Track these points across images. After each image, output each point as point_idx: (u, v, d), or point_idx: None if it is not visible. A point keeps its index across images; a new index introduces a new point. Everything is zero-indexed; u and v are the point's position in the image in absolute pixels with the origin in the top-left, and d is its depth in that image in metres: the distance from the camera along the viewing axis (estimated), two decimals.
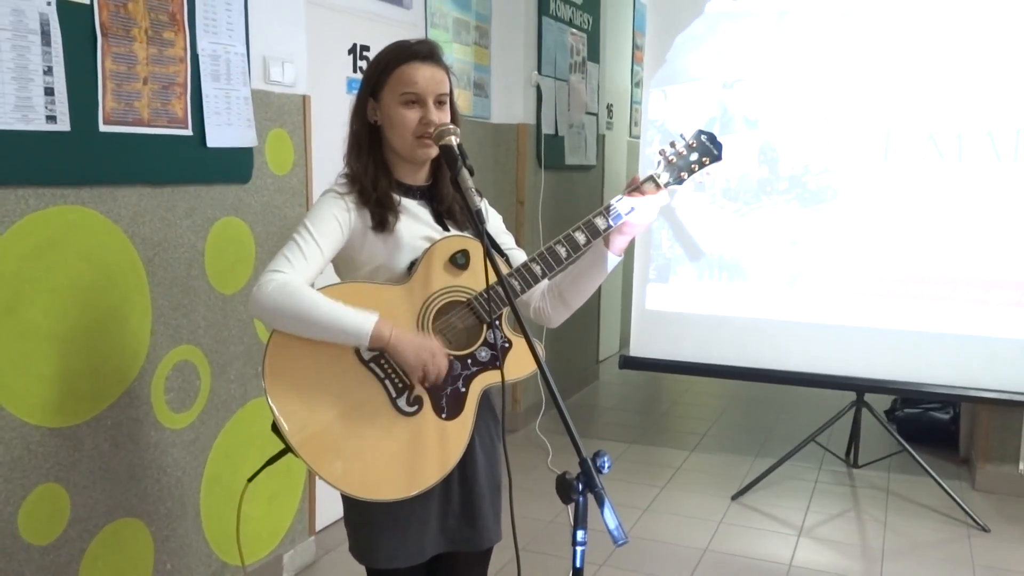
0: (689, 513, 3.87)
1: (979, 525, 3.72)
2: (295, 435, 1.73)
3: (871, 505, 3.99)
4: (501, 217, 2.05)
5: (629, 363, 4.40)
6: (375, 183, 1.84)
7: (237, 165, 2.82)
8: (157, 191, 2.55)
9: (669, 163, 1.92)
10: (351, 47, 3.56)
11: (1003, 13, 3.66)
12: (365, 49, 3.61)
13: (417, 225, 1.87)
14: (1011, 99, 3.68)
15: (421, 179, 1.92)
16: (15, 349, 2.18)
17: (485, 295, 1.79)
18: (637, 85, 6.88)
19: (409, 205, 1.88)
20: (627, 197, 1.86)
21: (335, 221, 1.81)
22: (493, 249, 1.80)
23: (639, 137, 4.85)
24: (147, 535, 2.62)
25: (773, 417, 5.36)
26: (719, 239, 4.15)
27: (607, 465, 1.45)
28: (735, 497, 4.03)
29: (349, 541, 1.94)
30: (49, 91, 2.17)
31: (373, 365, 1.78)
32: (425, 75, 1.82)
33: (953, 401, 4.62)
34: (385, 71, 1.84)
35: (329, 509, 3.43)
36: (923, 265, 3.84)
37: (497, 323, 1.83)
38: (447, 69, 1.87)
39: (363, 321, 1.71)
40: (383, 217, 1.82)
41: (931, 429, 4.75)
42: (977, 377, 3.80)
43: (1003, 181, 3.72)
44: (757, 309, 4.10)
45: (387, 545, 1.87)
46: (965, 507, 3.79)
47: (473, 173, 1.76)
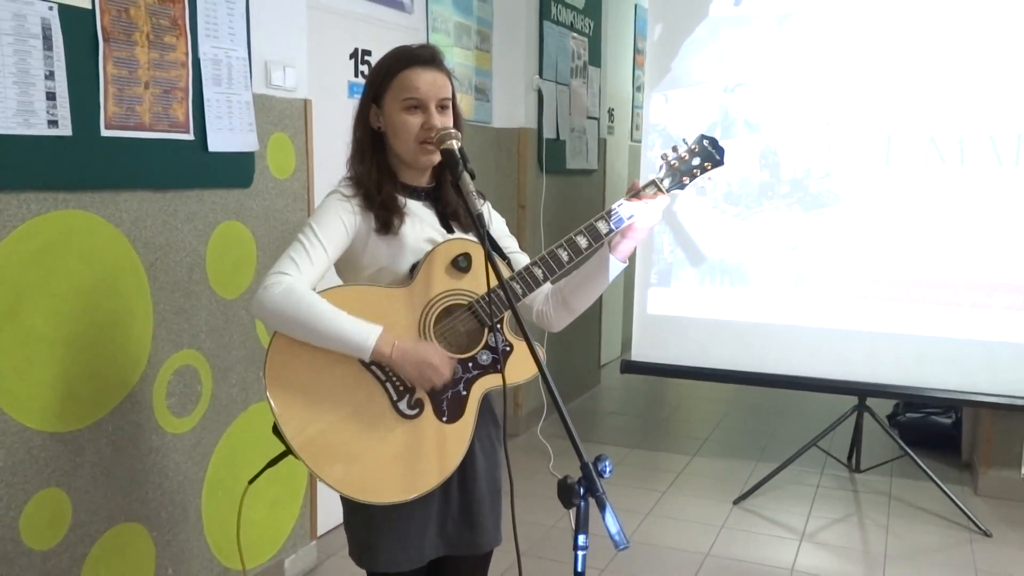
0: (691, 518, 3.86)
1: (981, 530, 3.71)
2: (296, 437, 1.73)
3: (873, 510, 3.98)
4: (504, 220, 2.06)
5: (631, 367, 4.40)
6: (379, 186, 1.84)
7: (238, 169, 2.82)
8: (159, 195, 2.56)
9: (671, 168, 1.91)
10: (352, 51, 3.56)
11: (1004, 17, 3.67)
12: (366, 53, 3.62)
13: (421, 227, 1.87)
14: (1012, 103, 3.68)
15: (424, 182, 1.92)
16: (17, 354, 2.18)
17: (487, 298, 1.79)
18: (638, 89, 6.89)
19: (414, 207, 1.88)
20: (627, 203, 1.86)
21: (340, 223, 1.81)
22: (495, 252, 1.80)
23: (640, 141, 4.86)
24: (148, 540, 2.62)
25: (775, 421, 5.35)
26: (721, 243, 4.15)
27: (608, 469, 1.45)
28: (737, 501, 4.02)
29: (349, 545, 1.94)
30: (51, 95, 2.18)
31: (374, 368, 1.78)
32: (427, 80, 1.82)
33: (955, 405, 4.61)
34: (387, 77, 1.84)
35: (330, 514, 3.43)
36: (925, 269, 3.84)
37: (498, 326, 1.83)
38: (449, 73, 1.87)
39: (366, 336, 1.71)
40: (388, 220, 1.82)
41: (933, 434, 4.74)
42: (979, 381, 3.79)
43: (1005, 185, 3.71)
44: (759, 313, 4.10)
45: (387, 549, 1.86)
46: (967, 512, 3.78)
47: (474, 177, 1.76)
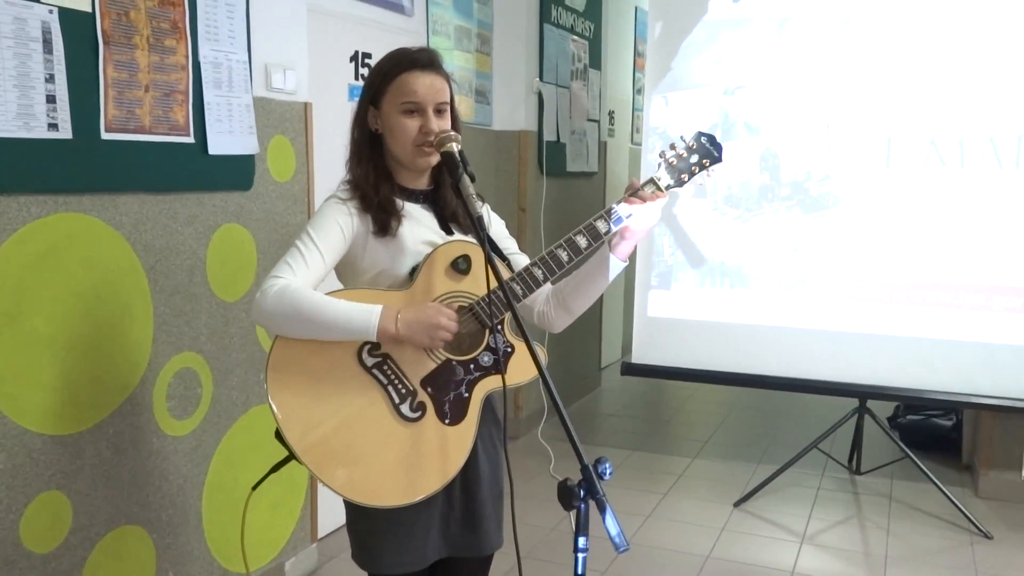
0: (691, 520, 3.86)
1: (982, 532, 3.71)
2: (298, 442, 1.73)
3: (874, 512, 3.97)
4: (504, 222, 2.06)
5: (631, 370, 4.40)
6: (377, 189, 1.84)
7: (239, 172, 2.82)
8: (159, 198, 2.56)
9: (670, 165, 1.92)
10: (353, 54, 3.57)
11: (1004, 19, 3.67)
12: (367, 56, 3.62)
13: (420, 229, 1.87)
14: (1013, 106, 3.68)
15: (423, 184, 1.92)
16: (17, 357, 2.18)
17: (487, 300, 1.79)
18: (639, 92, 6.89)
19: (412, 210, 1.88)
20: (626, 202, 1.86)
21: (337, 227, 1.81)
22: (495, 253, 1.80)
23: (641, 144, 4.86)
24: (149, 543, 2.61)
25: (775, 424, 5.35)
26: (721, 246, 4.15)
27: (609, 472, 1.45)
28: (737, 504, 4.02)
29: (352, 548, 1.94)
30: (51, 99, 2.18)
31: (376, 371, 1.78)
32: (425, 84, 1.82)
33: (955, 408, 4.61)
34: (385, 80, 1.84)
35: (331, 516, 3.43)
36: (925, 271, 3.84)
37: (499, 328, 1.83)
38: (447, 77, 1.87)
39: (368, 316, 1.71)
40: (385, 222, 1.82)
41: (934, 436, 4.74)
42: (980, 384, 3.79)
43: (1005, 187, 3.71)
44: (759, 316, 4.10)
45: (390, 551, 1.86)
46: (968, 514, 3.78)
47: (474, 179, 1.76)
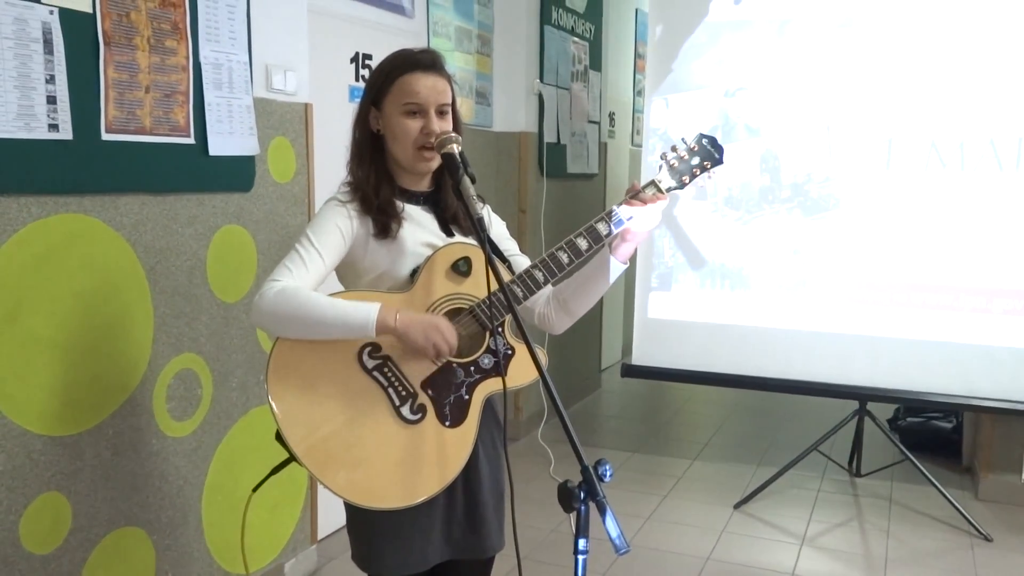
0: (691, 522, 3.85)
1: (982, 534, 3.71)
2: (299, 444, 1.73)
3: (874, 514, 3.97)
4: (504, 224, 2.06)
5: (631, 371, 4.40)
6: (377, 191, 1.84)
7: (239, 173, 2.82)
8: (159, 199, 2.56)
9: (671, 167, 1.92)
10: (353, 55, 3.57)
11: (1004, 21, 3.67)
12: (367, 58, 3.62)
13: (420, 231, 1.87)
14: (1013, 108, 3.68)
15: (424, 186, 1.92)
16: (17, 357, 2.17)
17: (487, 302, 1.79)
18: (639, 93, 6.89)
19: (413, 212, 1.88)
20: (627, 204, 1.86)
21: (337, 229, 1.81)
22: (495, 255, 1.80)
23: (641, 145, 4.86)
24: (148, 544, 2.61)
25: (775, 426, 5.35)
26: (721, 247, 4.15)
27: (609, 474, 1.45)
28: (737, 506, 4.02)
29: (352, 549, 1.94)
30: (51, 100, 2.18)
31: (376, 374, 1.78)
32: (427, 85, 1.82)
33: (956, 410, 4.61)
34: (387, 80, 1.84)
35: (331, 517, 3.43)
36: (925, 274, 3.84)
37: (500, 330, 1.83)
38: (449, 79, 1.87)
39: (367, 312, 1.71)
40: (385, 224, 1.82)
41: (934, 438, 4.74)
42: (980, 386, 3.79)
43: (1005, 190, 3.71)
44: (759, 318, 4.10)
45: (391, 553, 1.86)
46: (968, 516, 3.78)
47: (475, 181, 1.76)
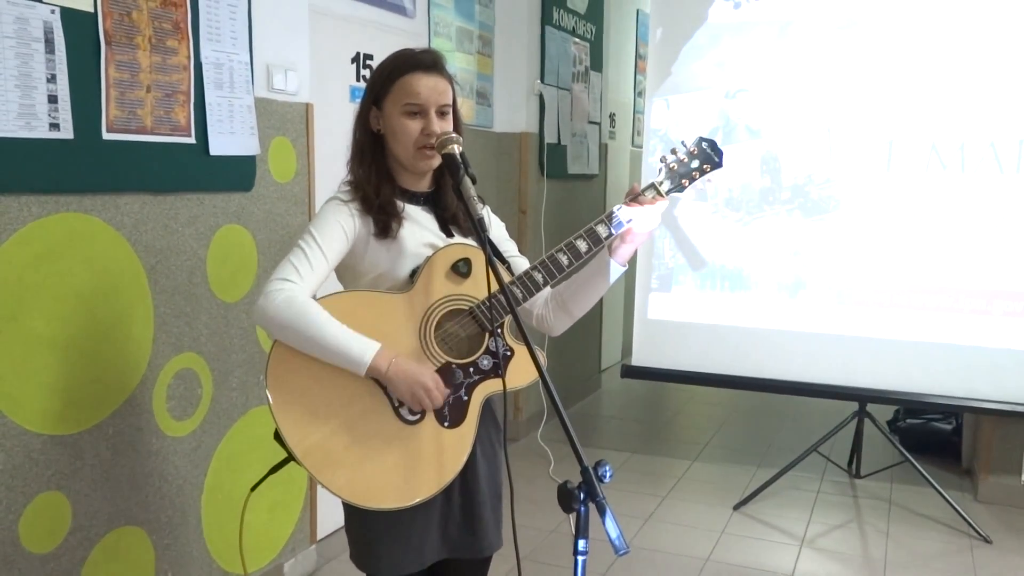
0: (691, 523, 3.86)
1: (981, 536, 3.71)
2: (298, 444, 1.73)
3: (873, 516, 3.97)
4: (504, 225, 2.06)
5: (631, 372, 4.40)
6: (377, 190, 1.84)
7: (240, 173, 2.82)
8: (160, 199, 2.56)
9: (670, 170, 1.92)
10: (354, 56, 3.57)
11: (1005, 23, 3.67)
12: (368, 58, 3.62)
13: (421, 232, 1.87)
14: (1014, 110, 3.68)
15: (424, 186, 1.92)
16: (17, 356, 2.18)
17: (487, 303, 1.79)
18: (640, 94, 6.89)
19: (413, 212, 1.88)
20: (627, 207, 1.86)
21: (339, 228, 1.81)
22: (495, 257, 1.80)
23: (642, 146, 4.86)
24: (148, 543, 2.61)
25: (775, 427, 5.35)
26: (721, 249, 4.15)
27: (608, 474, 1.45)
28: (737, 507, 4.02)
29: (351, 549, 1.94)
30: (52, 99, 2.18)
31: None
32: (428, 85, 1.82)
33: (955, 412, 4.61)
34: (388, 80, 1.84)
35: (330, 517, 3.43)
36: (925, 275, 3.84)
37: (499, 331, 1.83)
38: (450, 79, 1.87)
39: (363, 351, 1.72)
40: (386, 224, 1.82)
41: (933, 440, 4.74)
42: (980, 388, 3.79)
43: (1006, 192, 3.72)
44: (759, 319, 4.10)
45: (389, 553, 1.86)
46: (967, 518, 3.78)
47: (476, 181, 1.76)
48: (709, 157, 1.93)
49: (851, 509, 4.06)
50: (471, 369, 1.83)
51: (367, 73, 3.60)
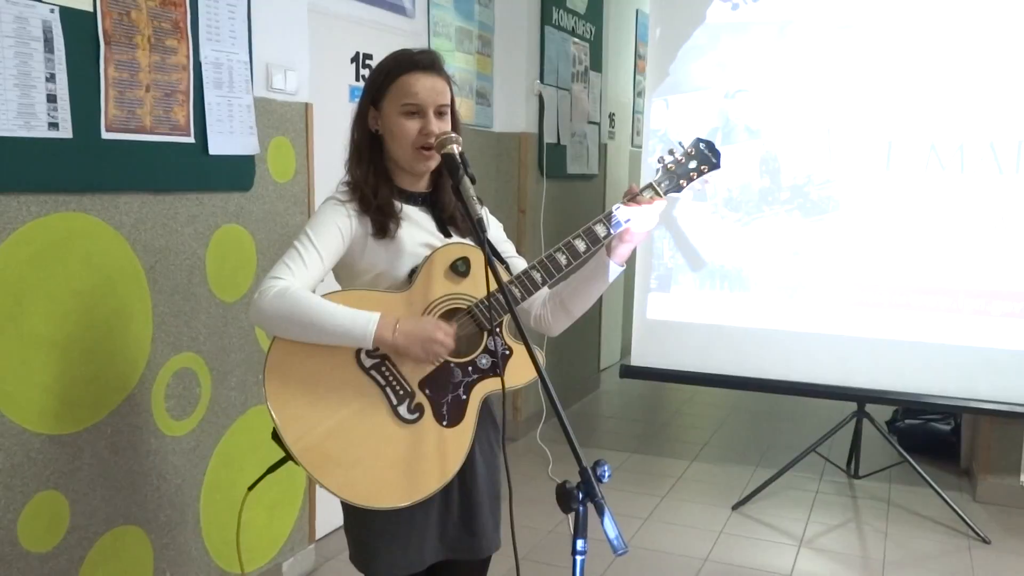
0: (690, 523, 3.86)
1: (980, 537, 3.71)
2: (296, 443, 1.73)
3: (872, 516, 3.97)
4: (502, 225, 2.06)
5: (630, 372, 4.40)
6: (375, 191, 1.84)
7: (239, 173, 2.82)
8: (159, 198, 2.56)
9: (668, 171, 1.92)
10: (354, 55, 3.57)
11: (1004, 24, 3.67)
12: (368, 58, 3.62)
13: (418, 232, 1.87)
14: (1013, 111, 3.68)
15: (422, 186, 1.92)
16: (15, 356, 2.18)
17: (486, 302, 1.79)
18: (639, 94, 6.89)
19: (411, 212, 1.88)
20: (625, 207, 1.87)
21: (336, 228, 1.81)
22: (494, 257, 1.80)
23: (641, 147, 4.86)
24: (146, 543, 2.61)
25: (774, 427, 5.35)
26: (721, 249, 4.15)
27: (607, 474, 1.45)
28: (736, 507, 4.02)
29: (349, 549, 1.94)
30: (51, 98, 2.18)
31: (374, 373, 1.78)
32: (426, 86, 1.82)
33: (954, 412, 4.61)
34: (386, 81, 1.84)
35: (329, 517, 3.42)
36: (924, 276, 3.84)
37: (498, 330, 1.83)
38: (448, 79, 1.87)
39: (365, 323, 1.71)
40: (384, 224, 1.82)
41: (932, 440, 4.74)
42: (978, 388, 3.79)
43: (1005, 192, 3.72)
44: (758, 319, 4.10)
45: (387, 553, 1.86)
46: (966, 518, 3.78)
47: (475, 181, 1.76)
48: (707, 158, 1.94)
49: (850, 509, 4.06)
50: (470, 368, 1.83)
51: (366, 73, 3.60)
